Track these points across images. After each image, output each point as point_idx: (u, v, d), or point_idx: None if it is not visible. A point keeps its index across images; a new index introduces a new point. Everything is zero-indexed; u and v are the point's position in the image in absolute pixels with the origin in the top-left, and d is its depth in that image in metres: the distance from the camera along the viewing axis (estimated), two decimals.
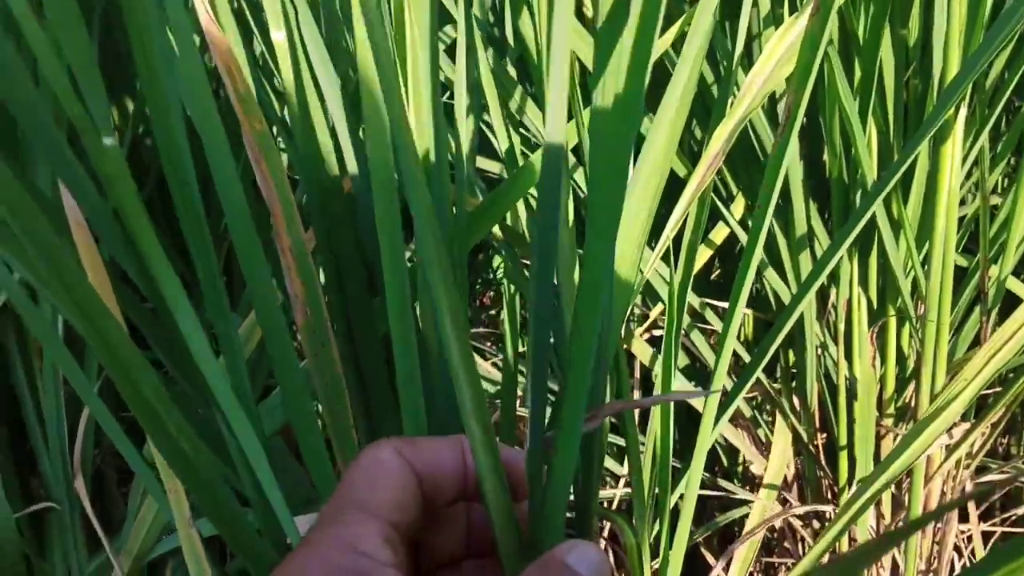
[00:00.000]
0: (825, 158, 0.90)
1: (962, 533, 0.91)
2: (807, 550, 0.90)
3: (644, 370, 0.91)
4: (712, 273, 1.04)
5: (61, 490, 0.60)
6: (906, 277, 0.82)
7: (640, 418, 0.87)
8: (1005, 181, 0.99)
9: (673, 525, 0.59)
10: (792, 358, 0.91)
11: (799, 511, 0.84)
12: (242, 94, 0.43)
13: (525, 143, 0.81)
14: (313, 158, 0.49)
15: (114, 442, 0.48)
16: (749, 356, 0.89)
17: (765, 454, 0.90)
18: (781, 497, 0.88)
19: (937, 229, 0.77)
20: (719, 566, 0.75)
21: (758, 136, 0.84)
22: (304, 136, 0.48)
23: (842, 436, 0.85)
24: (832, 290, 0.87)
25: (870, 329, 0.84)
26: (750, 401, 0.93)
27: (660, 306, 0.86)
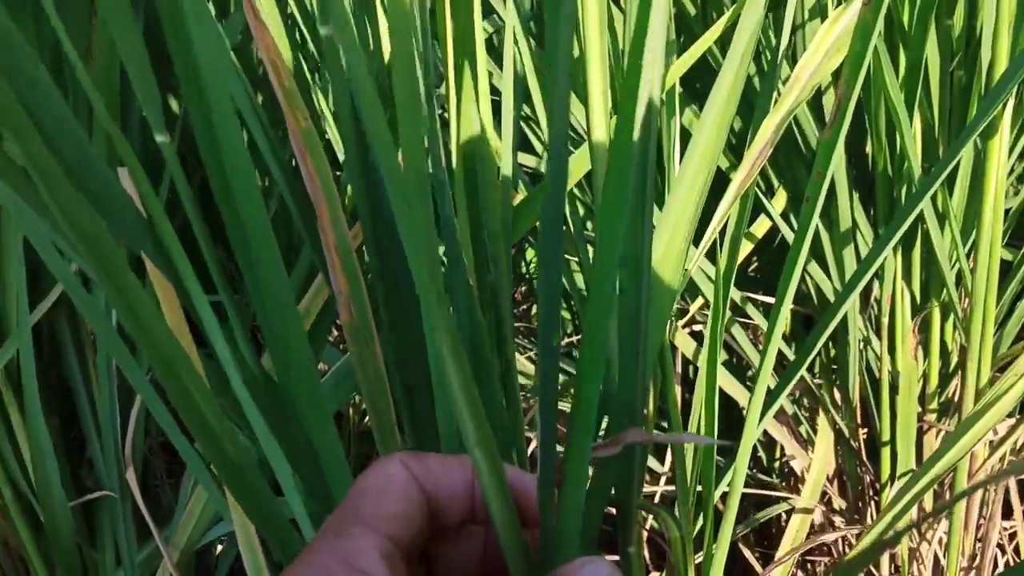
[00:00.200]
0: (868, 150, 0.89)
1: (1006, 530, 0.89)
2: (847, 547, 0.90)
3: (684, 362, 0.91)
4: (750, 266, 1.04)
5: (113, 480, 0.61)
6: (951, 270, 0.81)
7: (682, 410, 0.87)
8: None
9: (716, 521, 0.59)
10: (833, 352, 0.90)
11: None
12: (287, 88, 0.43)
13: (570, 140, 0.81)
14: (360, 152, 0.49)
15: (166, 433, 0.49)
16: (790, 350, 0.88)
17: (806, 448, 0.90)
18: (822, 493, 0.87)
19: (984, 221, 0.76)
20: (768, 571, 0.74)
21: (801, 128, 0.83)
22: (351, 130, 0.48)
23: (884, 431, 0.84)
24: (875, 284, 0.86)
25: (913, 321, 0.83)
26: (790, 397, 0.92)
27: (700, 300, 0.86)
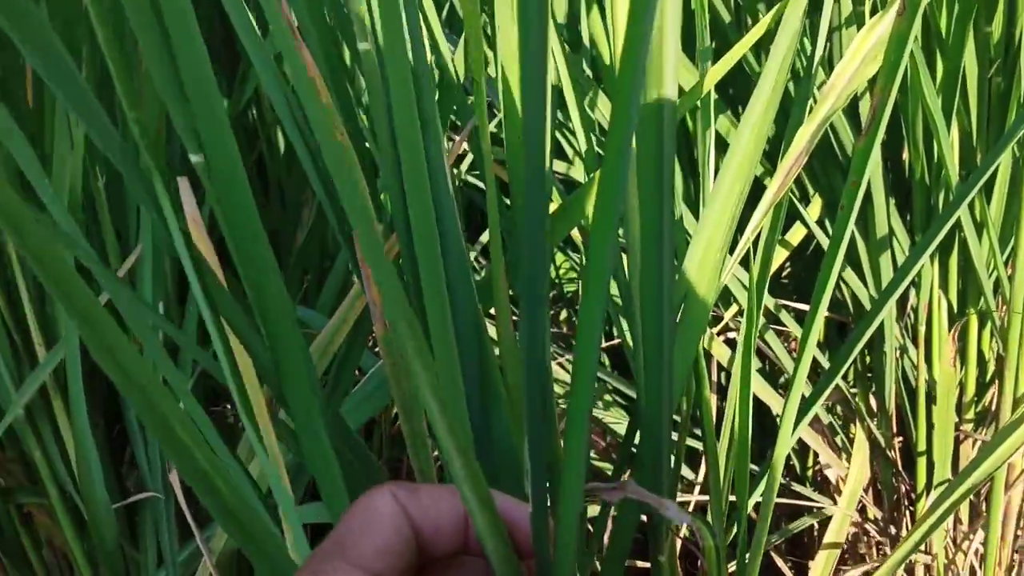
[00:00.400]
0: (904, 156, 0.88)
1: None
2: (881, 557, 0.89)
3: (718, 368, 0.91)
4: (783, 273, 1.03)
5: (156, 481, 0.62)
6: (989, 278, 0.80)
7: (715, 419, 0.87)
8: None
9: (749, 529, 0.59)
10: (869, 360, 0.90)
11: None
12: (326, 106, 0.44)
13: (601, 144, 0.81)
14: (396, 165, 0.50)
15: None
16: (823, 357, 0.88)
17: (841, 457, 0.89)
18: (858, 503, 0.87)
19: (1022, 228, 0.75)
20: None
21: (837, 135, 0.83)
22: (387, 143, 0.49)
23: (920, 441, 0.84)
24: (911, 292, 0.85)
25: (951, 330, 0.83)
26: (825, 405, 0.91)
27: (734, 308, 0.86)
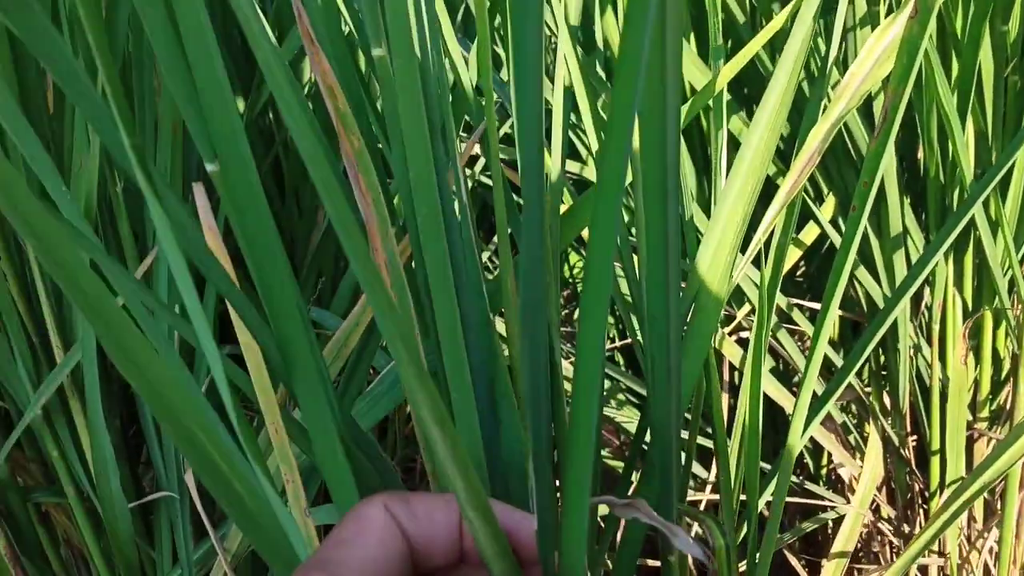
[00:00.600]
0: (919, 155, 0.88)
1: None
2: (895, 555, 0.89)
3: (731, 368, 0.91)
4: (797, 272, 1.03)
5: (172, 481, 0.63)
6: (1004, 276, 0.80)
7: (727, 418, 0.87)
8: None
9: (761, 529, 0.59)
10: (883, 359, 0.90)
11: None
12: (342, 112, 0.44)
13: None
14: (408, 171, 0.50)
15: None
16: (837, 356, 0.88)
17: (855, 456, 0.89)
18: (871, 502, 0.87)
19: None
20: None
21: (851, 135, 0.83)
22: (401, 148, 0.49)
23: (934, 439, 0.84)
24: (925, 290, 0.85)
25: (963, 325, 0.82)
26: (839, 404, 0.91)
27: (747, 307, 0.86)
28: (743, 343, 0.86)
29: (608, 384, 1.05)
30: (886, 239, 0.82)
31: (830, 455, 0.96)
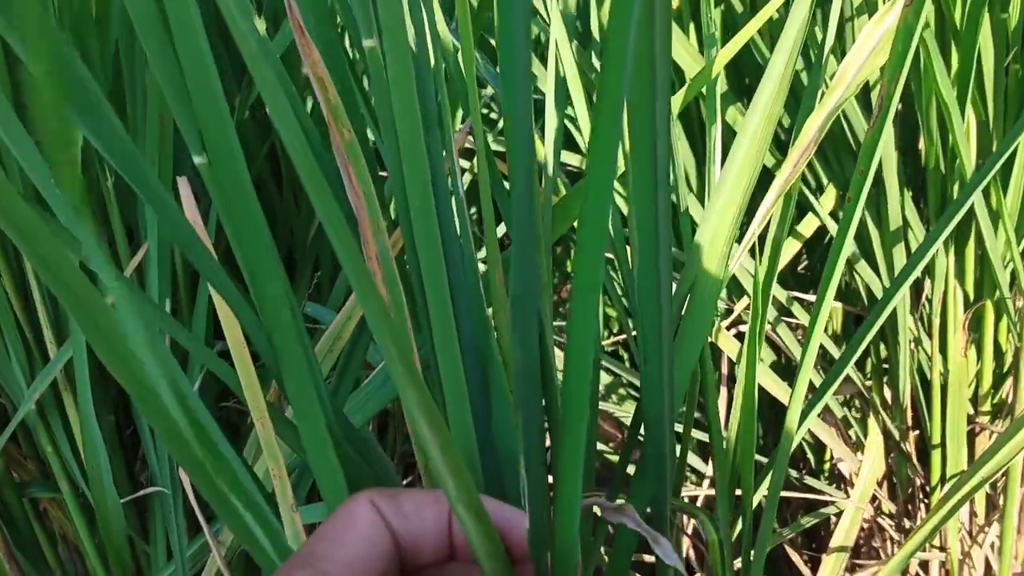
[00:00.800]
0: (920, 146, 0.87)
1: None
2: (896, 551, 0.88)
3: (730, 363, 0.90)
4: (799, 265, 1.02)
5: (166, 477, 0.63)
6: (1004, 269, 0.79)
7: (725, 412, 0.86)
8: None
9: (757, 523, 0.59)
10: (884, 353, 0.89)
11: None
12: (333, 104, 0.44)
13: None
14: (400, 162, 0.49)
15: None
16: (838, 351, 0.87)
17: (855, 451, 0.88)
18: (871, 496, 0.86)
19: None
20: None
21: (851, 125, 0.82)
22: (392, 139, 0.49)
23: (935, 434, 0.83)
24: (926, 283, 0.84)
25: (964, 316, 0.82)
26: (839, 399, 0.91)
27: (745, 300, 0.85)
28: (743, 336, 0.86)
29: (610, 379, 1.05)
30: (886, 232, 0.81)
31: (833, 451, 0.96)
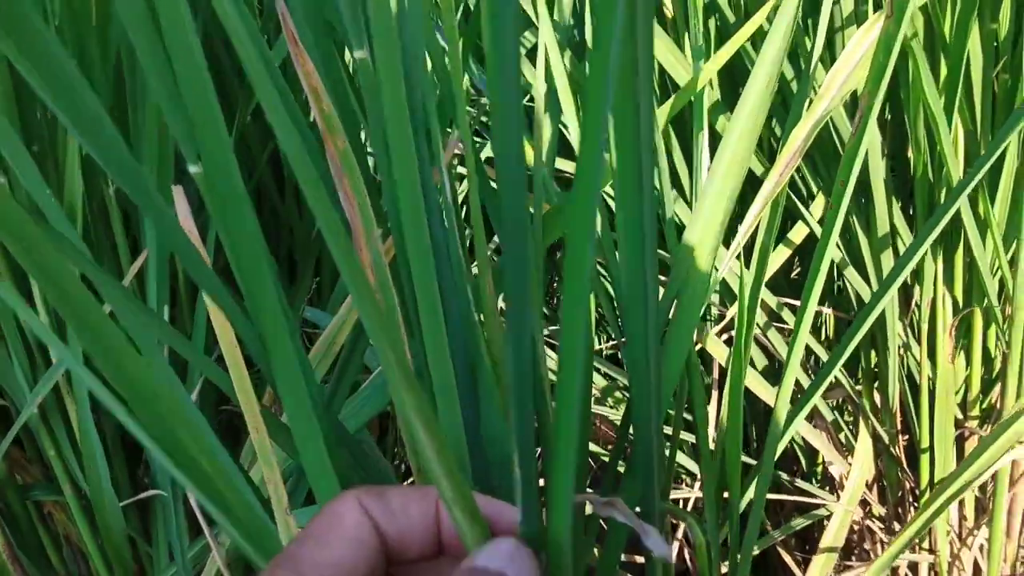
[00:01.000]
0: (910, 154, 0.88)
1: None
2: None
3: (722, 370, 0.91)
4: (792, 272, 1.04)
5: (165, 479, 0.64)
6: (993, 277, 0.80)
7: (715, 415, 0.87)
8: None
9: (745, 526, 0.60)
10: (875, 359, 0.90)
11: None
12: (326, 114, 0.45)
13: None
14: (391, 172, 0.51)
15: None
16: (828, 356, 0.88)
17: (846, 456, 0.89)
18: (861, 500, 0.87)
19: None
20: None
21: (839, 134, 0.83)
22: (383, 148, 0.50)
23: (924, 438, 0.84)
24: (915, 289, 0.85)
25: (952, 322, 0.83)
26: (830, 403, 0.92)
27: (736, 306, 0.86)
28: (733, 343, 0.87)
29: (605, 383, 1.06)
30: (875, 238, 0.82)
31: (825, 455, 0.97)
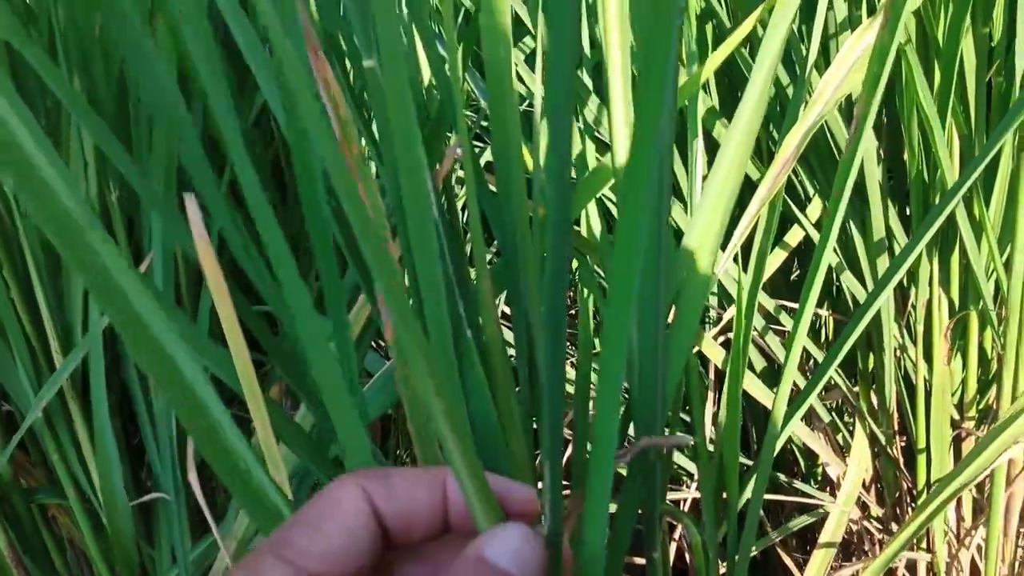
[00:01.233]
0: (905, 157, 0.89)
1: None
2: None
3: (719, 372, 0.92)
4: (791, 275, 1.04)
5: (168, 480, 0.65)
6: (988, 279, 0.81)
7: (713, 417, 0.88)
8: None
9: (743, 527, 0.61)
10: (871, 361, 0.91)
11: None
12: (344, 120, 0.46)
13: (602, 149, 0.83)
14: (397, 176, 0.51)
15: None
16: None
17: (843, 457, 0.90)
18: (859, 501, 0.88)
19: (1019, 231, 0.76)
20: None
21: (835, 138, 0.84)
22: (390, 155, 0.51)
23: (920, 439, 0.85)
24: (912, 290, 0.86)
25: (948, 324, 0.83)
26: (827, 404, 0.92)
27: (734, 308, 0.87)
28: (730, 345, 0.88)
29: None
30: (871, 242, 0.83)
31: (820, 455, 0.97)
